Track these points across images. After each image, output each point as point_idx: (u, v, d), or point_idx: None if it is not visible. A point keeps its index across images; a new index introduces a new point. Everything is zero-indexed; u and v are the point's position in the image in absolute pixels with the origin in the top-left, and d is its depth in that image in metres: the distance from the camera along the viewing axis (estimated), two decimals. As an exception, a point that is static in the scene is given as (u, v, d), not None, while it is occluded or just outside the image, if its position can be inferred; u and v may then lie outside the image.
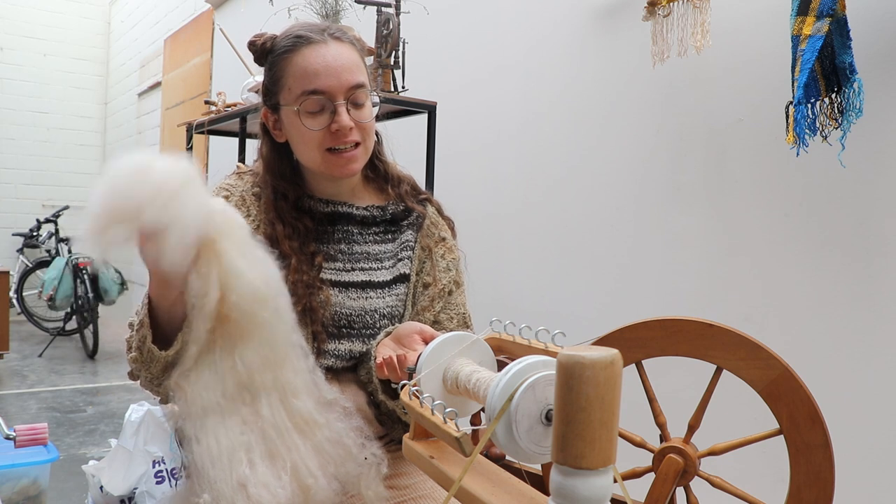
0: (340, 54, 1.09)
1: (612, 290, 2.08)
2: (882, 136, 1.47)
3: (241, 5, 4.40)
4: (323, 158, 1.10)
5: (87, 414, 3.66)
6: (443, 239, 1.23)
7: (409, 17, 2.21)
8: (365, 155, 1.14)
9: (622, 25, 2.04)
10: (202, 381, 0.92)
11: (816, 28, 1.35)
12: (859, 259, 1.52)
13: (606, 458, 0.49)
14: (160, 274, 0.88)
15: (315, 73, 1.07)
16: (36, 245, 6.42)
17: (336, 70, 1.07)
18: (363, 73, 1.12)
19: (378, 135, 1.25)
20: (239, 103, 2.52)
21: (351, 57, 1.11)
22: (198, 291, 0.90)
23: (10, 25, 6.85)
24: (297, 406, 0.94)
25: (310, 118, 1.08)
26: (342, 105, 1.07)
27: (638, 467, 1.11)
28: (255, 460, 0.89)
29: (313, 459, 0.92)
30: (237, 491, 0.86)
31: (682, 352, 1.04)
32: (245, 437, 0.90)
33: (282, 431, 0.92)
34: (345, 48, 1.11)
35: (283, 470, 0.89)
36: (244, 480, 0.87)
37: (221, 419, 0.90)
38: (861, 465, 1.48)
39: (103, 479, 2.01)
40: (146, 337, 0.94)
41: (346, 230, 1.17)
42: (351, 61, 1.10)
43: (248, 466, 0.88)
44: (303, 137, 1.10)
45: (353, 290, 1.13)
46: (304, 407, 0.94)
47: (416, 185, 1.27)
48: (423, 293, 1.18)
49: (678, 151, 1.89)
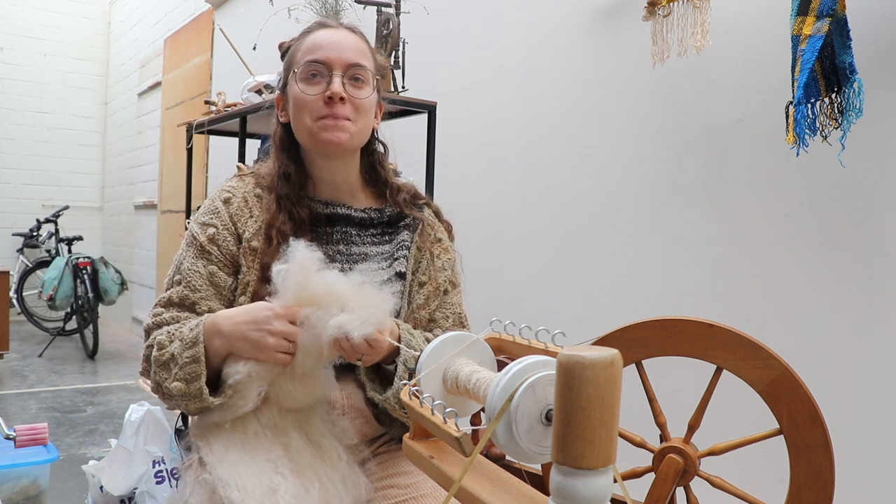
0: (348, 37, 1.17)
1: (612, 290, 2.08)
2: (882, 136, 1.47)
3: (241, 5, 4.40)
4: (314, 126, 1.14)
5: (87, 414, 3.66)
6: (439, 240, 1.25)
7: (409, 17, 2.21)
8: (358, 135, 1.17)
9: (622, 25, 2.04)
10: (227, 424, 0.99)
11: (816, 28, 1.35)
12: (859, 259, 1.52)
13: (606, 458, 0.49)
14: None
15: (319, 46, 1.15)
16: (36, 245, 6.42)
17: (338, 45, 1.15)
18: (368, 59, 1.18)
19: (384, 145, 1.29)
20: (239, 103, 2.52)
21: (358, 43, 1.18)
22: (237, 386, 1.00)
23: (10, 25, 6.85)
24: (323, 443, 1.01)
25: (307, 83, 1.14)
26: (338, 76, 1.13)
27: (638, 467, 1.11)
28: (284, 472, 0.93)
29: (339, 486, 0.97)
30: (268, 494, 0.90)
31: (682, 352, 1.04)
32: (272, 456, 0.95)
33: (308, 460, 0.97)
34: (355, 37, 1.18)
35: (312, 486, 0.93)
36: (275, 486, 0.91)
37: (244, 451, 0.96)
38: (861, 465, 1.48)
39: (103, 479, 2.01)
40: (198, 375, 1.00)
41: (345, 231, 1.20)
42: (357, 45, 1.17)
43: (278, 475, 0.93)
44: (298, 103, 1.15)
45: None
46: (330, 445, 1.01)
47: (417, 193, 1.29)
48: (418, 291, 1.20)
49: (678, 151, 1.89)
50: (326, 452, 0.99)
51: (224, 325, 1.02)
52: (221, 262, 1.12)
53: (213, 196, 1.19)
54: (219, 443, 0.97)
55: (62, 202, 6.79)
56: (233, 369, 0.99)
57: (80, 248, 5.98)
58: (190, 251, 1.14)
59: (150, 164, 6.18)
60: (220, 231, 1.13)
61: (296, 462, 0.95)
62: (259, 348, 0.98)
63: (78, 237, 5.88)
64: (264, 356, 0.99)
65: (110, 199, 7.27)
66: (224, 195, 1.17)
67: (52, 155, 7.09)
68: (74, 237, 5.85)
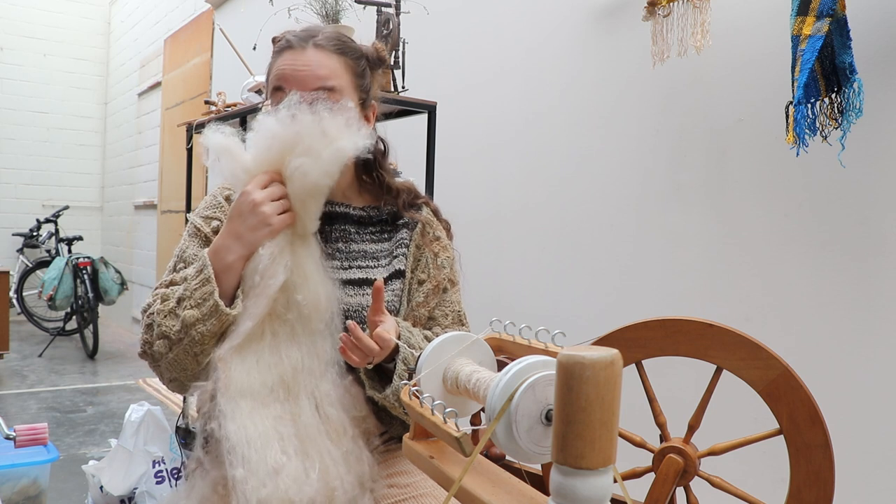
0: (313, 60, 1.12)
1: (612, 290, 2.08)
2: (882, 136, 1.47)
3: (241, 5, 4.40)
4: None
5: (87, 414, 3.66)
6: (437, 238, 1.26)
7: (409, 17, 2.21)
8: None
9: (622, 25, 2.04)
10: (246, 364, 0.99)
11: (816, 28, 1.35)
12: (859, 259, 1.52)
13: (606, 458, 0.49)
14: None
15: (282, 75, 1.12)
16: (36, 245, 6.42)
17: (300, 74, 1.11)
18: (339, 76, 1.13)
19: (384, 143, 1.27)
20: (239, 103, 2.53)
21: (325, 63, 1.12)
22: (265, 272, 1.00)
23: (10, 25, 6.85)
24: (331, 414, 1.01)
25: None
26: None
27: (638, 467, 1.11)
28: (289, 451, 0.94)
29: (341, 465, 0.97)
30: (270, 475, 0.91)
31: (682, 352, 1.04)
32: (279, 429, 0.96)
33: (314, 434, 0.97)
34: (323, 55, 1.13)
35: (312, 469, 0.94)
36: (279, 467, 0.92)
37: (256, 406, 0.96)
38: (861, 465, 1.48)
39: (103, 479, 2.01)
40: (211, 293, 1.00)
41: (344, 229, 1.21)
42: (323, 64, 1.12)
43: (283, 454, 0.93)
44: None
45: (351, 288, 1.16)
46: (337, 416, 1.01)
47: (416, 192, 1.29)
48: (418, 289, 1.20)
49: (678, 151, 1.89)
50: (333, 425, 0.99)
51: (220, 241, 1.04)
52: None
53: (215, 192, 1.20)
54: (236, 380, 0.96)
55: (62, 202, 6.79)
56: (254, 262, 1.02)
57: (80, 248, 5.98)
58: (193, 241, 1.14)
59: (150, 164, 6.18)
60: (223, 224, 1.13)
61: (301, 438, 0.96)
62: (263, 225, 1.02)
63: (78, 237, 5.88)
64: (272, 229, 1.02)
65: (110, 199, 7.27)
66: (226, 192, 1.19)
67: (52, 155, 7.09)
68: (74, 237, 5.85)
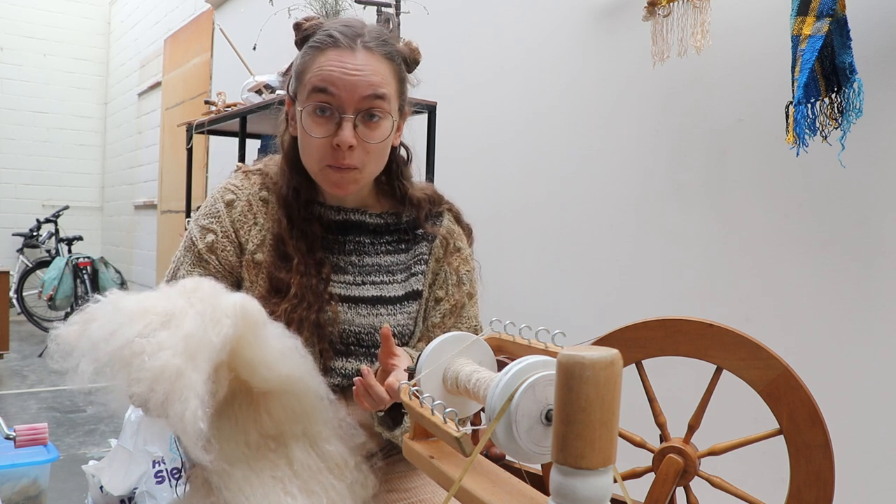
0: (364, 65, 1.01)
1: (612, 290, 2.08)
2: (882, 136, 1.47)
3: (241, 5, 4.40)
4: (320, 170, 1.05)
5: (87, 414, 3.66)
6: (458, 249, 1.18)
7: (409, 17, 2.21)
8: (367, 177, 1.08)
9: (622, 25, 2.04)
10: (223, 433, 0.91)
11: (816, 28, 1.35)
12: (859, 259, 1.51)
13: (606, 458, 0.49)
14: None
15: (329, 79, 1.00)
16: (36, 245, 6.42)
17: (352, 81, 1.00)
18: (388, 84, 1.04)
19: (409, 152, 1.20)
20: (239, 103, 2.52)
21: (377, 69, 1.02)
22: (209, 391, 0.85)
23: (10, 25, 6.85)
24: (329, 450, 0.96)
25: (314, 123, 1.02)
26: (349, 119, 1.00)
27: (638, 467, 1.11)
28: (292, 491, 0.90)
29: (348, 498, 0.94)
30: None
31: (682, 352, 1.04)
32: (276, 475, 0.91)
33: (315, 472, 0.93)
34: (374, 59, 1.02)
35: (320, 502, 0.91)
36: None
37: (249, 467, 0.91)
38: (861, 465, 1.48)
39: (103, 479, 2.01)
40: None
41: (358, 241, 1.12)
42: (375, 71, 1.02)
43: (287, 495, 0.90)
44: (304, 142, 1.05)
45: (363, 307, 1.09)
46: (336, 451, 0.96)
47: (437, 199, 1.21)
48: (434, 308, 1.14)
49: (678, 151, 1.89)
50: (333, 460, 0.95)
51: None
52: (220, 273, 1.06)
53: (216, 195, 1.11)
54: (222, 456, 0.90)
55: (62, 202, 6.80)
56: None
57: (80, 248, 5.99)
58: (188, 257, 1.08)
59: (150, 164, 6.18)
60: (219, 239, 1.07)
61: (302, 478, 0.92)
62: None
63: (78, 237, 5.89)
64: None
65: (110, 199, 7.27)
66: (227, 196, 1.10)
67: (52, 155, 7.10)
68: (74, 237, 5.86)
